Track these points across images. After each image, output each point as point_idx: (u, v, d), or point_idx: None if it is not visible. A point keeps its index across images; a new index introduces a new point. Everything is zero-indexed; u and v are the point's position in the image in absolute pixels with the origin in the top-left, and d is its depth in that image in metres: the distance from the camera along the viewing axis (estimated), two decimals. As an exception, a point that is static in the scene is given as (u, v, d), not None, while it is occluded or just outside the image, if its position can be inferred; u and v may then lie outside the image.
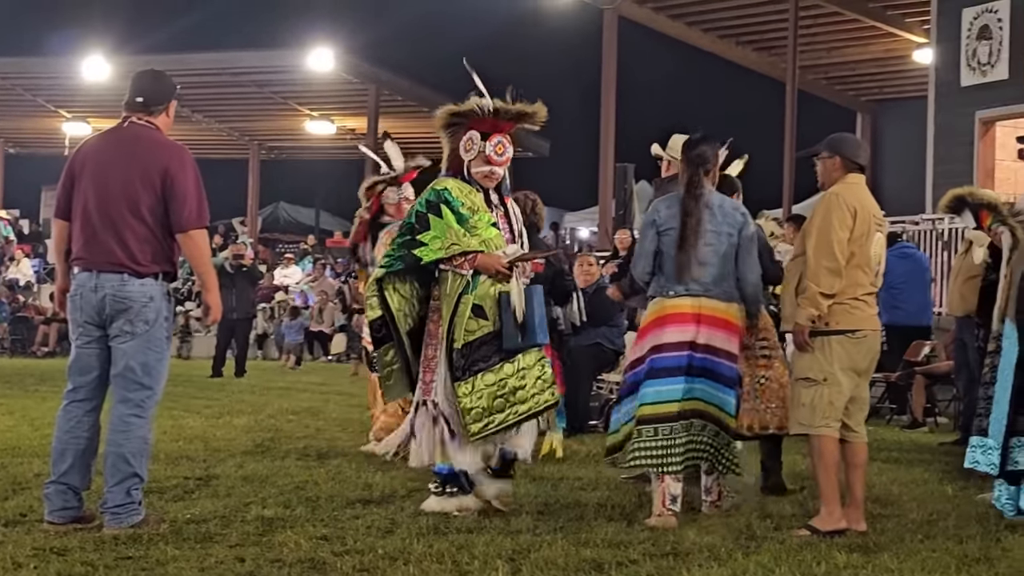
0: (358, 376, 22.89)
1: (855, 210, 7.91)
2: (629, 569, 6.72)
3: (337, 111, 36.26)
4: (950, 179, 19.60)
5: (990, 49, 20.45)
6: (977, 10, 20.60)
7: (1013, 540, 7.71)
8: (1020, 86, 19.82)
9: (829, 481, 7.87)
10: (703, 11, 28.22)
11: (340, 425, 13.85)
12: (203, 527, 7.60)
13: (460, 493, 8.28)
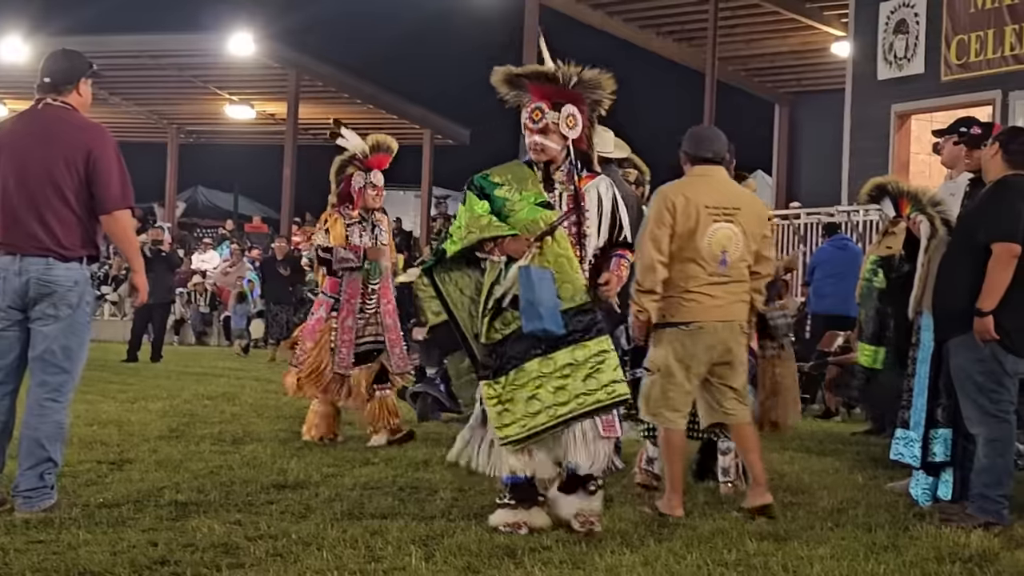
0: (275, 362, 22.84)
1: (674, 205, 8.11)
2: (542, 555, 6.74)
3: (257, 96, 36.10)
4: (866, 171, 19.71)
5: (906, 43, 20.64)
6: (894, 4, 20.79)
7: (921, 528, 7.79)
8: (936, 80, 20.02)
9: (671, 468, 8.20)
10: (624, 1, 28.29)
11: (256, 410, 13.80)
12: (116, 511, 7.56)
13: (523, 506, 7.47)
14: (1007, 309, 7.96)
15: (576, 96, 7.73)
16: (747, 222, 8.24)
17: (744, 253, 8.22)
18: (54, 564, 6.03)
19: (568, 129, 7.60)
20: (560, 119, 7.60)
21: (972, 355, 8.08)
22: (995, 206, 8.16)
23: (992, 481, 8.04)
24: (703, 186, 8.27)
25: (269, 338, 24.78)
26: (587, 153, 7.80)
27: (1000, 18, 19.05)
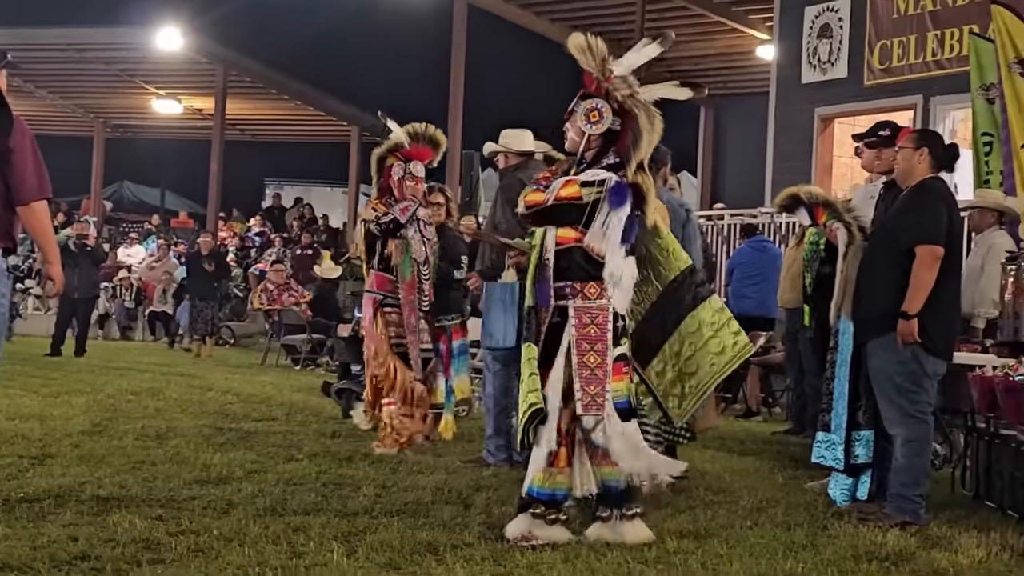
0: (200, 357, 22.76)
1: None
2: (464, 552, 6.75)
3: (184, 90, 35.88)
4: (789, 174, 19.92)
5: (830, 47, 20.77)
6: (819, 9, 20.91)
7: (839, 527, 7.87)
8: (859, 84, 20.15)
9: None
10: (552, 1, 28.34)
11: (180, 406, 13.70)
12: (36, 506, 7.51)
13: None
14: (929, 311, 8.06)
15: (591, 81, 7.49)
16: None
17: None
18: (-27, 558, 5.98)
19: (585, 123, 7.39)
20: (581, 110, 7.42)
21: (892, 357, 8.17)
22: (917, 209, 8.24)
23: (909, 481, 8.14)
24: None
25: (194, 333, 24.62)
26: (621, 153, 7.41)
27: (922, 24, 19.21)
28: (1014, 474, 8.70)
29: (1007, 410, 8.91)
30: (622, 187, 7.21)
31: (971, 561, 7.08)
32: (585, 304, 7.19)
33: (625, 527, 7.14)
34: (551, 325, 7.24)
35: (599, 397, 7.13)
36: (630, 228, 7.22)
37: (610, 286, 7.17)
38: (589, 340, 7.17)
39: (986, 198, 11.78)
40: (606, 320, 7.19)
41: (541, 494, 7.15)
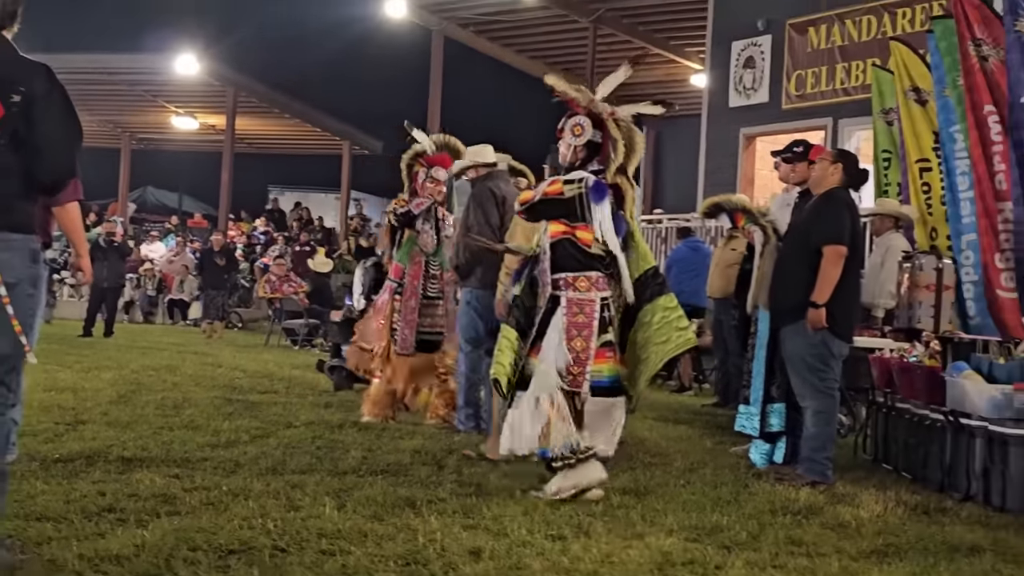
0: (212, 338, 22.68)
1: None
2: (438, 506, 6.74)
3: (199, 109, 35.70)
4: (718, 185, 19.96)
5: (754, 76, 20.81)
6: (744, 43, 20.95)
7: (758, 486, 7.91)
8: (778, 108, 20.21)
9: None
10: (516, 35, 28.30)
11: (194, 380, 13.63)
12: (69, 466, 7.46)
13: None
14: (835, 301, 8.11)
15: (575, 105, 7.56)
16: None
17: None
18: (14, 510, 5.91)
19: (571, 136, 7.46)
20: (568, 126, 7.50)
21: (804, 340, 8.21)
22: (826, 214, 8.29)
23: (818, 446, 8.18)
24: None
25: (206, 318, 24.57)
26: (603, 160, 7.51)
27: (832, 57, 19.28)
28: (907, 441, 8.77)
29: (902, 386, 8.97)
30: (600, 184, 7.28)
31: (871, 515, 7.12)
32: (576, 295, 7.24)
33: (580, 471, 7.14)
34: (545, 311, 7.30)
35: (580, 377, 7.19)
36: (618, 222, 7.30)
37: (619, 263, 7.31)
38: (577, 327, 7.21)
39: (885, 206, 11.84)
40: (593, 311, 7.24)
41: (544, 452, 7.19)
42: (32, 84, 5.12)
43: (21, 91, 5.08)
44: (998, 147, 9.99)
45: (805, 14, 19.80)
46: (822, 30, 19.52)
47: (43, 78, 5.18)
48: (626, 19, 25.95)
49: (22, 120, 5.09)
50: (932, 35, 11.24)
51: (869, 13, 18.66)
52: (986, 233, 10.10)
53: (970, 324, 10.22)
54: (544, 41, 28.43)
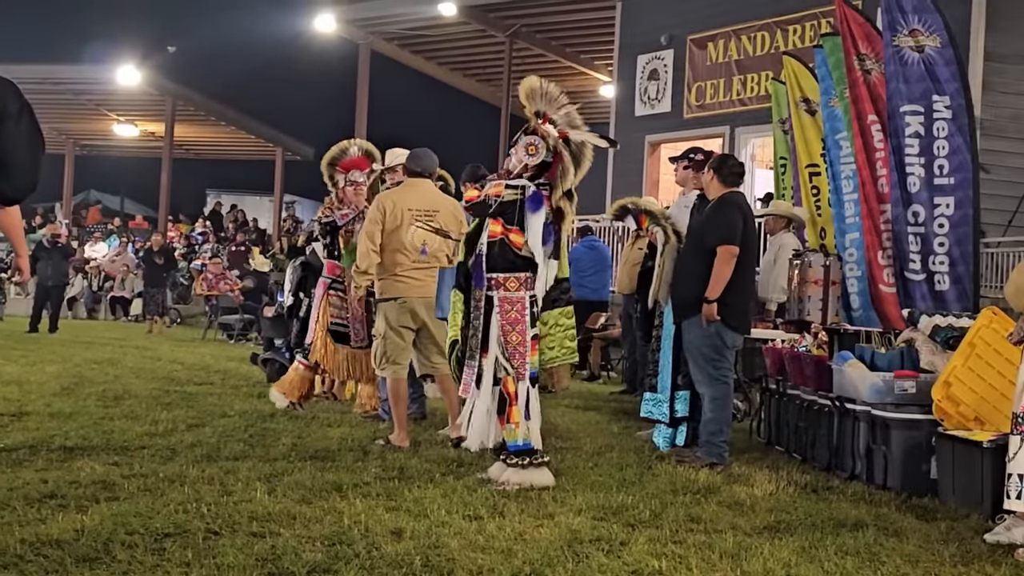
0: (152, 333, 22.42)
1: (385, 208, 8.62)
2: (363, 489, 6.70)
3: (140, 117, 35.38)
4: (625, 188, 20.08)
5: (657, 87, 20.93)
6: (648, 57, 21.06)
7: (661, 468, 7.93)
8: (680, 117, 20.35)
9: (398, 409, 8.59)
10: (437, 48, 28.29)
11: (135, 373, 13.47)
12: (14, 455, 7.35)
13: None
14: (728, 296, 8.17)
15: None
16: (445, 221, 8.57)
17: (442, 245, 8.53)
18: (-41, 498, 5.84)
19: (525, 154, 7.32)
20: (523, 143, 7.36)
21: (700, 332, 8.27)
22: (719, 217, 8.36)
23: (716, 430, 8.23)
24: (409, 193, 8.73)
25: (146, 314, 24.32)
26: (550, 180, 7.37)
27: (729, 70, 19.43)
28: (798, 424, 8.85)
29: (792, 374, 9.06)
30: (537, 195, 7.26)
31: (764, 493, 7.18)
32: (507, 295, 7.25)
33: (532, 473, 7.09)
34: (484, 312, 7.29)
35: (521, 368, 7.21)
36: (547, 233, 7.28)
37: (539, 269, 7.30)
38: (511, 323, 7.23)
39: (778, 207, 11.95)
40: (524, 307, 7.27)
41: (514, 446, 7.13)
42: (5, 103, 4.99)
43: None
44: (880, 153, 10.13)
45: (705, 30, 19.91)
46: (720, 45, 19.66)
47: (14, 97, 5.04)
48: (540, 34, 26.01)
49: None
50: (820, 50, 11.38)
51: (763, 30, 18.82)
52: (869, 232, 10.23)
53: (854, 316, 10.34)
54: (464, 54, 28.45)
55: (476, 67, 29.25)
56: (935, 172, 9.50)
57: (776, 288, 11.13)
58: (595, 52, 26.18)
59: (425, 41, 27.71)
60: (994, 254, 13.72)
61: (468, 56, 28.57)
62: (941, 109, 9.52)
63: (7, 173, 5.03)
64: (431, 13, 25.04)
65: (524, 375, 7.21)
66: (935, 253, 9.46)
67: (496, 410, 7.23)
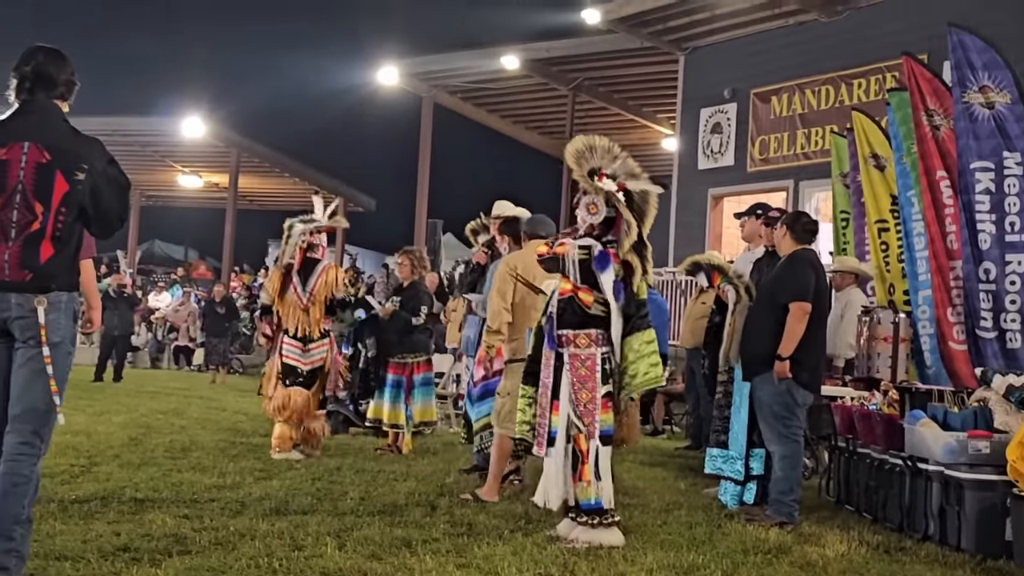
0: (215, 383, 22.57)
1: (515, 267, 8.65)
2: (432, 545, 6.70)
3: (204, 168, 35.81)
4: (688, 241, 20.07)
5: (720, 141, 20.92)
6: (711, 110, 21.06)
7: (731, 527, 7.87)
8: (743, 171, 20.30)
9: (498, 465, 8.61)
10: (500, 101, 28.45)
11: (200, 424, 13.58)
12: (86, 507, 7.41)
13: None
14: (800, 354, 8.13)
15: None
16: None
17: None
18: (34, 550, 5.82)
19: (586, 213, 7.31)
20: (583, 203, 7.35)
21: (771, 389, 8.22)
22: (790, 274, 8.33)
23: (786, 489, 8.16)
24: (532, 255, 8.40)
25: (209, 364, 24.52)
26: (616, 235, 7.34)
27: (793, 124, 19.40)
28: (868, 484, 8.75)
29: (862, 432, 8.96)
30: (604, 254, 7.22)
31: (836, 554, 7.10)
32: (577, 351, 7.19)
33: (602, 532, 7.04)
34: (555, 369, 7.26)
35: (591, 427, 7.12)
36: (618, 290, 7.23)
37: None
38: (581, 380, 7.17)
39: (845, 263, 11.88)
40: (594, 364, 7.18)
41: (587, 505, 7.09)
42: (94, 161, 5.17)
43: (84, 168, 5.12)
44: (949, 209, 10.09)
45: (768, 84, 19.91)
46: (784, 99, 19.63)
47: (101, 154, 5.23)
48: (602, 88, 26.09)
49: (88, 196, 5.13)
50: (889, 106, 11.36)
51: (827, 84, 18.78)
52: (939, 289, 10.18)
53: (927, 374, 10.27)
54: (527, 107, 28.61)
55: (538, 120, 29.39)
56: (1006, 229, 9.44)
57: (844, 344, 11.05)
58: (658, 105, 26.22)
59: (488, 94, 27.91)
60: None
61: (530, 109, 28.72)
62: (1012, 166, 9.49)
63: (101, 225, 5.32)
64: (494, 67, 25.22)
65: (594, 433, 7.15)
66: (1007, 311, 9.39)
67: (570, 468, 7.19)
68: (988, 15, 14.60)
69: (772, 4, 19.26)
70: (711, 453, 9.21)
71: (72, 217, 5.14)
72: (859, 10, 18.47)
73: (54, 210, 5.09)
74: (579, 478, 7.11)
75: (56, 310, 5.13)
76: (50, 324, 5.09)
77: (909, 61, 10.63)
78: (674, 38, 21.49)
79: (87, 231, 5.30)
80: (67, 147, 5.17)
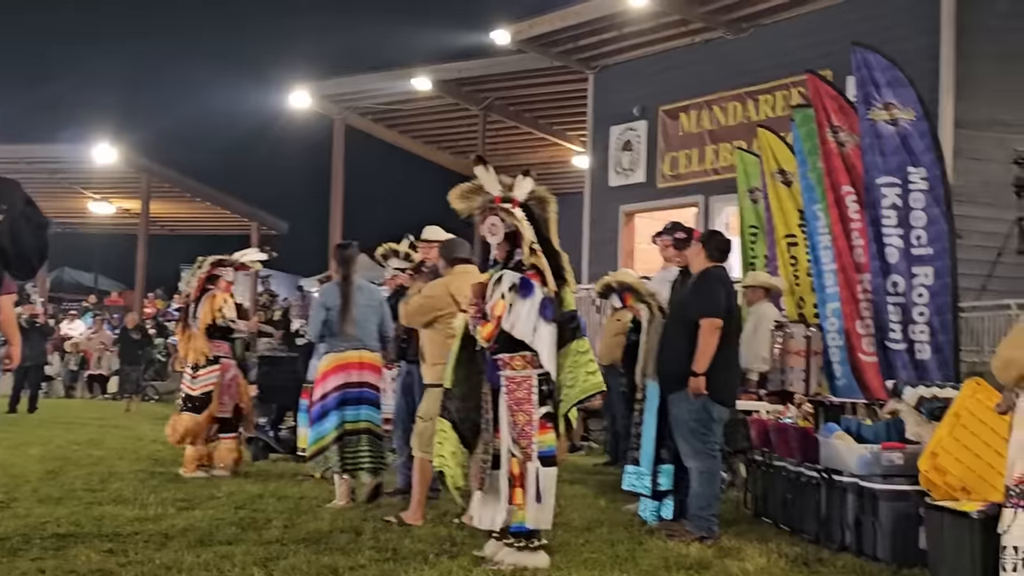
0: (130, 412, 22.31)
1: (449, 292, 8.64)
2: (359, 572, 6.72)
3: (115, 194, 35.42)
4: (601, 259, 20.17)
5: (631, 158, 21.08)
6: (622, 128, 21.20)
7: (652, 543, 7.96)
8: (654, 187, 20.45)
9: (421, 488, 8.69)
10: (412, 122, 28.41)
11: (118, 454, 13.42)
12: (8, 543, 7.33)
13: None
14: (714, 370, 8.25)
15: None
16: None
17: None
18: (-43, 591, 5.83)
19: (489, 235, 7.35)
20: (484, 228, 7.40)
21: (687, 406, 8.34)
22: (701, 291, 8.46)
23: (704, 504, 8.28)
24: (462, 281, 8.46)
25: (123, 392, 24.26)
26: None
27: (702, 140, 19.62)
28: (785, 496, 8.90)
29: (777, 445, 9.12)
30: (526, 281, 7.20)
31: (756, 567, 7.22)
32: (513, 374, 7.16)
33: (528, 555, 7.05)
34: (493, 392, 7.25)
35: (528, 449, 7.09)
36: (546, 307, 7.21)
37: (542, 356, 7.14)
38: (518, 403, 7.15)
39: (757, 278, 12.05)
40: (530, 386, 7.15)
41: (518, 528, 7.07)
42: (13, 201, 5.12)
43: (3, 209, 5.08)
44: (856, 223, 10.28)
45: (676, 100, 20.13)
46: (692, 115, 19.85)
47: (19, 195, 5.18)
48: (513, 107, 26.20)
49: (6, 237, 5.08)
50: (793, 122, 11.57)
51: (735, 100, 19.03)
52: (847, 302, 10.37)
53: (838, 386, 10.45)
54: (438, 127, 28.60)
55: (450, 140, 29.41)
56: (913, 242, 9.65)
57: (757, 358, 11.20)
58: (568, 123, 26.37)
59: (399, 114, 27.87)
60: (968, 319, 13.85)
61: (442, 129, 28.72)
62: (917, 180, 9.70)
63: (19, 264, 5.22)
64: (405, 88, 25.20)
65: (531, 455, 7.10)
66: (915, 322, 9.58)
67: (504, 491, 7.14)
68: (890, 32, 14.91)
69: (679, 23, 19.49)
70: (627, 470, 9.30)
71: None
72: (764, 27, 18.76)
73: None
74: (510, 501, 7.11)
75: None
76: None
77: (813, 79, 10.84)
78: (583, 57, 21.65)
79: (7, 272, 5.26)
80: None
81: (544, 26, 20.93)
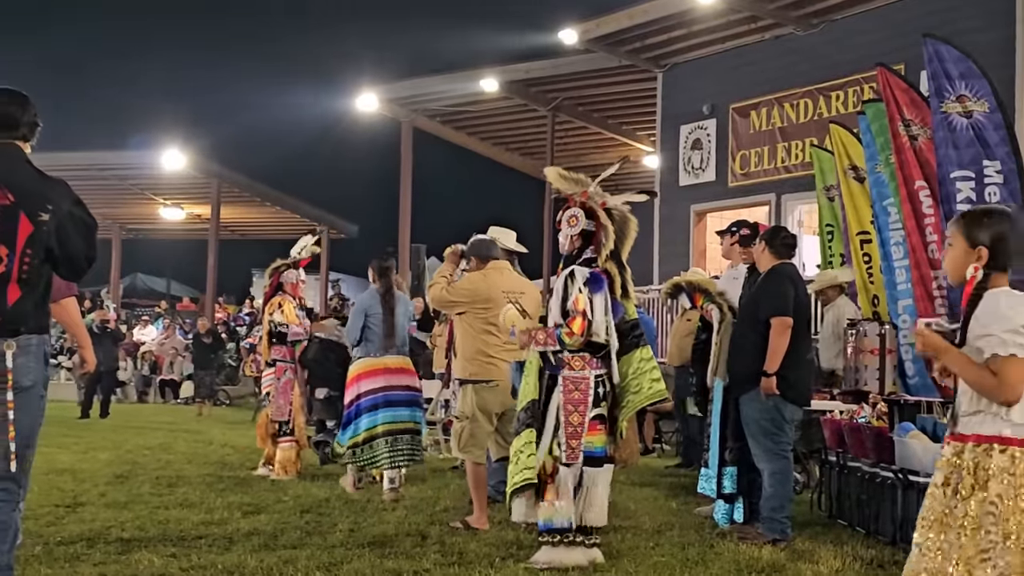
0: (202, 416, 22.47)
1: (477, 286, 8.76)
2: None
3: (186, 200, 35.74)
4: (672, 258, 20.07)
5: (701, 157, 20.94)
6: (691, 127, 21.09)
7: (723, 546, 7.83)
8: (724, 186, 20.33)
9: (477, 493, 8.59)
10: (480, 124, 28.40)
11: (187, 458, 13.50)
12: (71, 548, 7.34)
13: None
14: (785, 369, 8.11)
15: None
16: (528, 305, 8.30)
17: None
18: (20, 596, 5.83)
19: (566, 226, 7.35)
20: (564, 218, 7.41)
21: (759, 406, 8.20)
22: (770, 289, 8.33)
23: (777, 505, 8.13)
24: (495, 276, 8.82)
25: (196, 397, 24.43)
26: (595, 248, 7.32)
27: (773, 138, 19.43)
28: (860, 497, 8.72)
29: (851, 446, 8.94)
30: (596, 276, 7.19)
31: (830, 570, 7.07)
32: (571, 374, 7.13)
33: (562, 552, 6.97)
34: (546, 388, 7.19)
35: (577, 450, 7.04)
36: (615, 305, 7.19)
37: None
38: (573, 403, 7.11)
39: (822, 278, 11.88)
40: (587, 387, 7.12)
41: (547, 526, 7.02)
42: (59, 202, 5.09)
43: (49, 209, 5.04)
44: (930, 219, 10.08)
45: (747, 98, 19.95)
46: (763, 113, 19.67)
47: (66, 195, 5.16)
48: (581, 107, 26.09)
49: (53, 237, 5.05)
50: (864, 117, 11.37)
51: (805, 97, 18.83)
52: (922, 299, 10.16)
53: (910, 385, 10.24)
54: (506, 128, 28.57)
55: (518, 141, 29.37)
56: (988, 238, 9.41)
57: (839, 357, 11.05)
58: (637, 123, 26.25)
59: (467, 116, 27.87)
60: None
61: (510, 130, 28.69)
62: (992, 174, 9.47)
63: (68, 266, 5.23)
64: (473, 89, 25.19)
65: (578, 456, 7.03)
66: (991, 319, 9.35)
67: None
68: (963, 24, 14.65)
69: (748, 19, 19.33)
70: (702, 473, 9.19)
71: (39, 259, 5.06)
72: (834, 23, 18.54)
73: (19, 252, 5.02)
74: (541, 498, 7.04)
75: (26, 353, 5.05)
76: (19, 368, 5.02)
77: (884, 72, 10.64)
78: (651, 56, 21.54)
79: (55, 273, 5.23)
80: (31, 188, 5.08)
81: (612, 25, 20.83)
